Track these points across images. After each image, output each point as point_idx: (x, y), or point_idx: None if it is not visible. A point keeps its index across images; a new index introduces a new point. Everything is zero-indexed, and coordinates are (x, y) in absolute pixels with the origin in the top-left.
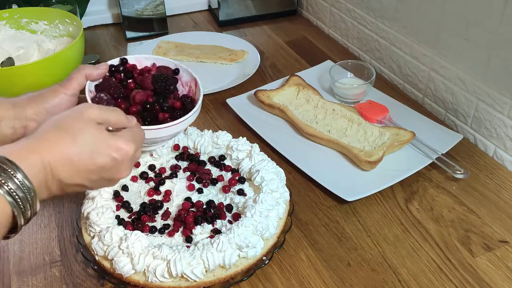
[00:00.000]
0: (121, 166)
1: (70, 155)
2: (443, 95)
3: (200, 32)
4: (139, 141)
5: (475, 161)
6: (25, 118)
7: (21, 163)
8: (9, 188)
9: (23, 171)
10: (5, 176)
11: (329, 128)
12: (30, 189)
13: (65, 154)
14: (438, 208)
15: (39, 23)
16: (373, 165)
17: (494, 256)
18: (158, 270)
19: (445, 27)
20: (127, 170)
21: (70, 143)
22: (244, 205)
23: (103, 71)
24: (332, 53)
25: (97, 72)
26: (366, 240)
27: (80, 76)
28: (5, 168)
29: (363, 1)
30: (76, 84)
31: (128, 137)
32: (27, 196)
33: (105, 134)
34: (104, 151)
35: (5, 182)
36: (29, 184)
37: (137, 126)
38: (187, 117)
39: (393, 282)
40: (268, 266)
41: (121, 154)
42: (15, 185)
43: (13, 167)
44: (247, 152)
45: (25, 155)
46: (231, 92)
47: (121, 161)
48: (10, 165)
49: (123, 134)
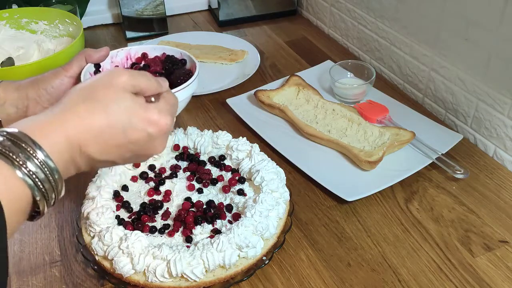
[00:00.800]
0: (156, 141)
1: (100, 130)
2: (443, 95)
3: (200, 32)
4: (174, 110)
5: (475, 161)
6: (26, 99)
7: (43, 140)
8: (28, 170)
9: (44, 150)
10: (23, 156)
11: (329, 128)
12: (53, 170)
13: (95, 129)
14: (438, 208)
15: (39, 23)
16: (373, 165)
17: (494, 256)
18: (158, 270)
19: (445, 27)
20: (162, 145)
21: (101, 115)
22: (244, 205)
23: (104, 54)
24: (332, 53)
25: (97, 55)
26: (366, 240)
27: (80, 59)
28: (24, 147)
29: (363, 1)
30: (76, 66)
31: (163, 108)
32: (49, 178)
33: (139, 106)
34: (139, 125)
35: (24, 163)
36: (52, 164)
37: (169, 91)
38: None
39: (393, 282)
40: (268, 266)
41: (156, 128)
42: (35, 166)
43: (33, 145)
44: (247, 152)
45: (47, 131)
46: (231, 92)
47: (157, 136)
48: (30, 143)
49: (158, 105)
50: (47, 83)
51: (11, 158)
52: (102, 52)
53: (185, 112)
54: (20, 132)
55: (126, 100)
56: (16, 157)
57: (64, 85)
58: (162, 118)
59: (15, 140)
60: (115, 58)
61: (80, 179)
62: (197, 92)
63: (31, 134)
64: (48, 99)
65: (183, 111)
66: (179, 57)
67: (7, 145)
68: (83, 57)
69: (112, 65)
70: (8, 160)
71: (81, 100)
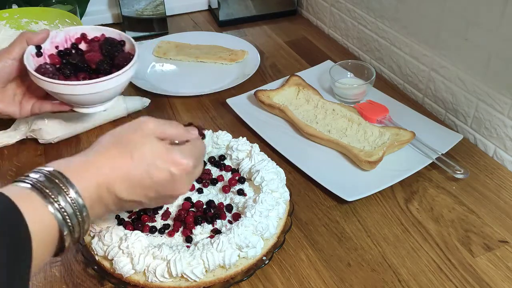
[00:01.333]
0: (179, 182)
1: (126, 170)
2: (443, 95)
3: (200, 32)
4: (199, 156)
5: (475, 161)
6: None
7: (75, 179)
8: (60, 206)
9: (76, 188)
10: (56, 192)
11: (329, 128)
12: (82, 207)
13: (122, 170)
14: (438, 208)
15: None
16: (373, 165)
17: (494, 256)
18: (158, 270)
19: (445, 27)
20: (186, 186)
21: (127, 157)
22: (244, 205)
23: (44, 36)
24: (332, 53)
25: (38, 37)
26: (366, 240)
27: (21, 42)
28: (58, 184)
29: (363, 1)
30: (18, 49)
31: (187, 151)
32: (77, 215)
33: (163, 148)
34: (161, 165)
35: (56, 198)
36: (82, 201)
37: (198, 138)
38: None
39: (393, 282)
40: (268, 266)
41: (179, 169)
42: (66, 202)
43: (67, 183)
44: (247, 152)
45: (80, 171)
46: (231, 92)
47: (179, 176)
48: (64, 181)
49: (181, 148)
50: None
51: (45, 193)
52: (42, 34)
53: (185, 112)
54: (55, 170)
55: (151, 143)
56: (50, 192)
57: (8, 67)
58: (185, 159)
59: (50, 177)
60: (54, 39)
61: None
62: (197, 92)
63: (66, 173)
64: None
65: (183, 111)
66: (118, 38)
67: (42, 181)
68: (24, 39)
69: (52, 46)
70: (42, 195)
71: (111, 145)
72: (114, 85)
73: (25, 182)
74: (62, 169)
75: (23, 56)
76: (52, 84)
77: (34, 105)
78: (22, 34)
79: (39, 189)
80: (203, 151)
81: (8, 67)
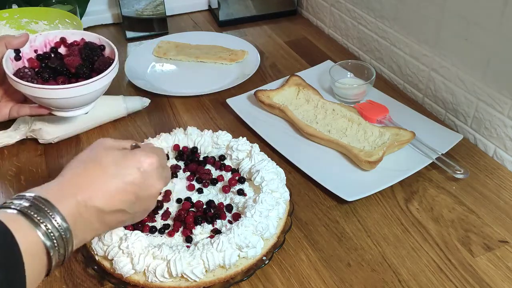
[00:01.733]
0: (151, 179)
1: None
2: (443, 95)
3: (200, 32)
4: (160, 154)
5: (475, 161)
6: None
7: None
8: (47, 228)
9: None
10: (42, 215)
11: (329, 128)
12: (66, 230)
13: (95, 182)
14: (438, 208)
15: (39, 23)
16: (373, 165)
17: (494, 256)
18: (158, 270)
19: (445, 27)
20: (158, 182)
21: (97, 170)
22: (244, 205)
23: (23, 40)
24: (332, 53)
25: (17, 41)
26: (366, 240)
27: (0, 45)
28: (43, 208)
29: (363, 1)
30: None
31: (147, 149)
32: (62, 236)
33: (126, 153)
34: (130, 166)
35: (43, 221)
36: (66, 224)
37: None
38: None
39: (393, 282)
40: (268, 266)
41: (145, 165)
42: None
43: (51, 208)
44: (247, 152)
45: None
46: (231, 92)
47: (149, 173)
48: (48, 205)
49: (142, 148)
50: None
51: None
52: (21, 38)
53: (185, 112)
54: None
55: (113, 152)
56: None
57: None
58: (149, 155)
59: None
60: (34, 43)
61: None
62: (197, 92)
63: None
64: None
65: (183, 111)
66: (98, 43)
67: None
68: (3, 43)
69: (31, 49)
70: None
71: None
72: (93, 89)
73: (11, 208)
74: (43, 194)
75: (1, 60)
76: (30, 88)
77: (12, 109)
78: (1, 38)
79: (25, 213)
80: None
81: None
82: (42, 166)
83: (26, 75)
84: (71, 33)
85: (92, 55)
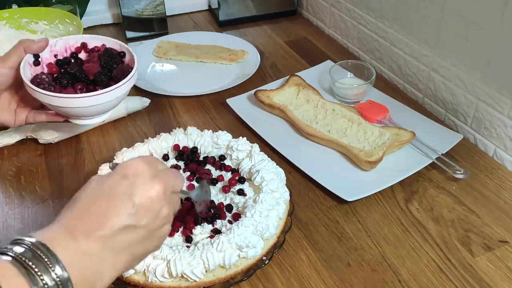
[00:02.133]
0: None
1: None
2: (443, 95)
3: (200, 32)
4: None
5: (475, 161)
6: None
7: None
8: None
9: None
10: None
11: (329, 128)
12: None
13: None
14: (438, 208)
15: (39, 23)
16: (373, 165)
17: (494, 256)
18: (158, 270)
19: (445, 27)
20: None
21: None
22: (244, 205)
23: (43, 44)
24: (332, 53)
25: (36, 45)
26: (366, 240)
27: (19, 50)
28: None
29: (363, 1)
30: (15, 57)
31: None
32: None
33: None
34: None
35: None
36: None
37: None
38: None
39: (393, 282)
40: (268, 266)
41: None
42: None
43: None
44: (247, 152)
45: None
46: (231, 92)
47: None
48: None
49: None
50: None
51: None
52: (41, 43)
53: (185, 112)
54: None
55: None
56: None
57: (4, 75)
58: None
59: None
60: (54, 47)
61: (80, 180)
62: (197, 92)
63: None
64: None
65: (183, 111)
66: (118, 49)
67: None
68: (22, 48)
69: (51, 54)
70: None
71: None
72: (110, 98)
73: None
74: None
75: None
76: (47, 96)
77: (29, 115)
78: (20, 42)
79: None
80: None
81: (4, 76)
82: (42, 166)
83: (43, 82)
84: (92, 38)
85: (111, 62)
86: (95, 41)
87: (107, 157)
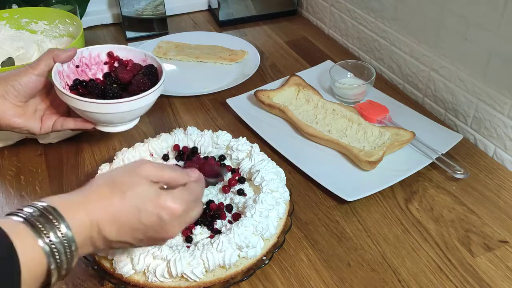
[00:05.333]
0: (169, 226)
1: (116, 213)
2: (443, 95)
3: (200, 32)
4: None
5: (475, 161)
6: None
7: (68, 215)
8: (50, 240)
9: (67, 223)
10: (48, 226)
11: (329, 128)
12: (72, 243)
13: (111, 210)
14: (438, 208)
15: (39, 23)
16: (373, 165)
17: (494, 256)
18: (158, 270)
19: (445, 27)
20: (176, 230)
21: (118, 200)
22: (244, 205)
23: (71, 54)
24: (332, 53)
25: (65, 55)
26: (366, 240)
27: (48, 58)
28: (50, 219)
29: (363, 1)
30: (44, 65)
31: (178, 195)
32: (66, 250)
33: (154, 193)
34: (151, 209)
35: (47, 233)
36: (72, 237)
37: (194, 182)
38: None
39: (393, 282)
40: (268, 266)
41: (167, 213)
42: (56, 237)
43: (59, 218)
44: (247, 152)
45: (73, 209)
46: (231, 92)
47: (168, 221)
48: (56, 215)
49: (172, 193)
50: (14, 80)
51: (37, 227)
52: (69, 53)
53: (185, 112)
54: (49, 205)
55: (142, 186)
56: (42, 227)
57: (32, 82)
58: (174, 204)
59: (43, 212)
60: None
61: (80, 180)
62: (197, 92)
63: (59, 208)
64: (16, 95)
65: (183, 111)
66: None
67: (35, 216)
68: (51, 56)
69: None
70: (34, 229)
71: (105, 184)
72: (140, 105)
73: (18, 216)
74: (56, 205)
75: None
76: (81, 102)
77: (56, 122)
78: (50, 51)
79: (31, 223)
80: (198, 194)
81: (32, 83)
82: (42, 166)
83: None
84: (118, 48)
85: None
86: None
87: (107, 157)
